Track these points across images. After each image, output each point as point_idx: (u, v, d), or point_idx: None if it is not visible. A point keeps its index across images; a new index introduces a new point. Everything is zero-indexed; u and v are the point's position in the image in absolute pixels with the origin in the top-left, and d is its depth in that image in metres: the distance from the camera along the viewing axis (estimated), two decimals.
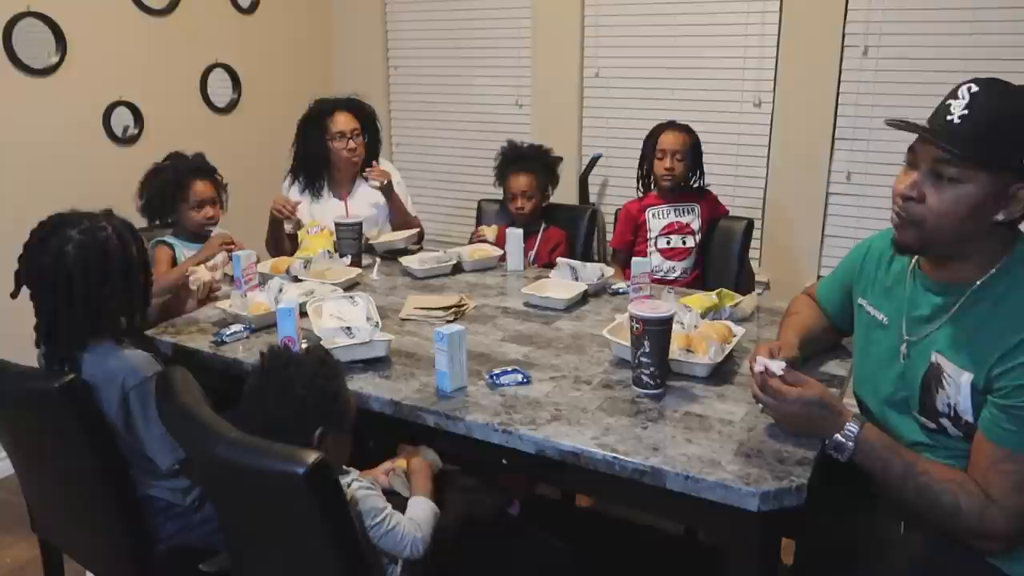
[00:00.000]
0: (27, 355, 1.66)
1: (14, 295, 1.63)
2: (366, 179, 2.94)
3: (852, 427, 1.33)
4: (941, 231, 1.29)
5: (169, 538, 1.69)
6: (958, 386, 1.31)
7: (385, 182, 2.88)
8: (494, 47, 3.79)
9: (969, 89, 1.26)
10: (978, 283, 1.32)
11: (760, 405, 1.45)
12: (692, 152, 2.78)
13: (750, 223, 2.81)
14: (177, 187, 2.46)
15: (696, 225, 2.78)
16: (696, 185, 2.85)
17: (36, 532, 1.88)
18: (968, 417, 1.31)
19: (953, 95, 1.27)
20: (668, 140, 2.76)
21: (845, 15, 2.98)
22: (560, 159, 3.06)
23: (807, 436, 1.41)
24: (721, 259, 2.80)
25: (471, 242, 2.93)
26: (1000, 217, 1.27)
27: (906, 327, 1.42)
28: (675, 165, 2.74)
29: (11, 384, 1.59)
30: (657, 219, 2.79)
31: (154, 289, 2.28)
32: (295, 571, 1.38)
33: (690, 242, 2.78)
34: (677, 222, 2.78)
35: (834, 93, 3.05)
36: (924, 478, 1.29)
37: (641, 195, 2.89)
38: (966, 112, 1.24)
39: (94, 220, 1.63)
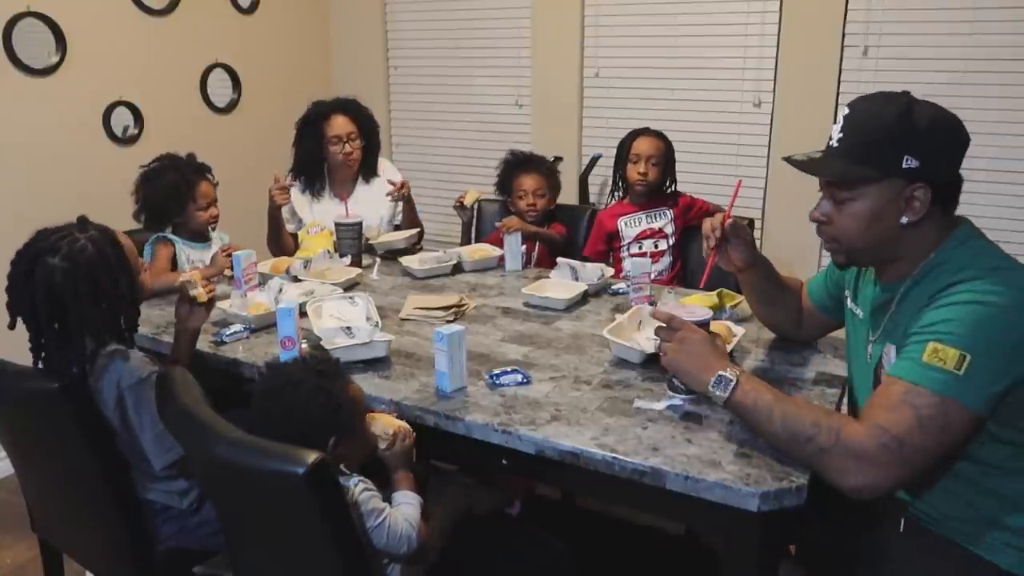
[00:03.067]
0: (26, 355, 1.65)
1: (11, 327, 1.62)
2: (367, 181, 2.95)
3: (735, 369, 1.38)
4: (854, 244, 1.39)
5: (167, 540, 1.69)
6: (891, 363, 1.36)
7: (404, 193, 2.90)
8: (494, 47, 3.79)
9: (843, 112, 1.36)
10: (911, 277, 1.37)
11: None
12: (665, 159, 2.77)
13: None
14: (187, 187, 2.46)
15: (669, 229, 2.80)
16: (669, 191, 2.84)
17: (36, 532, 1.88)
18: None
19: (836, 120, 1.37)
20: (642, 146, 2.76)
21: (845, 15, 2.98)
22: (559, 159, 3.07)
23: (690, 371, 1.44)
24: None
25: (455, 205, 2.97)
26: (904, 220, 1.33)
27: (870, 325, 1.48)
28: (648, 170, 2.74)
29: (11, 384, 1.59)
30: (630, 227, 2.80)
31: (149, 284, 2.28)
32: (295, 571, 1.38)
33: (663, 245, 2.79)
34: (650, 228, 2.79)
35: (834, 93, 3.05)
36: (791, 406, 1.32)
37: (613, 200, 2.91)
38: (841, 135, 1.35)
39: (71, 240, 1.59)
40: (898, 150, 1.29)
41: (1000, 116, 2.80)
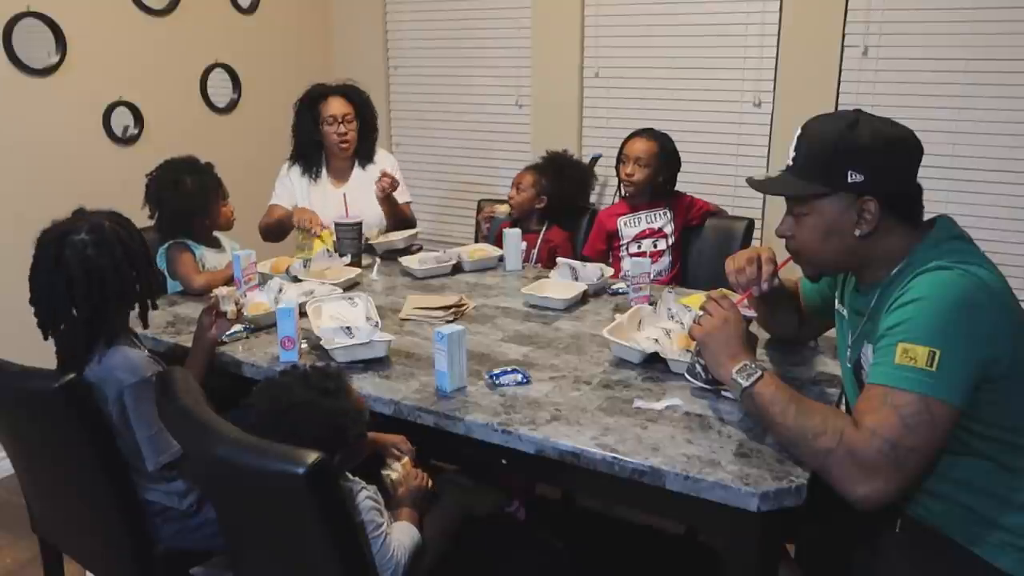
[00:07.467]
0: (27, 355, 1.66)
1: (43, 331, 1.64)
2: (363, 168, 2.97)
3: (759, 365, 1.40)
4: (814, 258, 1.45)
5: (167, 540, 1.69)
6: (868, 363, 1.37)
7: (389, 190, 2.81)
8: (494, 47, 3.79)
9: (797, 133, 1.42)
10: (884, 282, 1.39)
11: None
12: (658, 160, 2.72)
13: (750, 223, 2.80)
14: (217, 185, 2.47)
15: (669, 229, 2.78)
16: (668, 191, 2.81)
17: (36, 532, 1.88)
18: None
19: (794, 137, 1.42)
20: (632, 146, 2.74)
21: (845, 15, 2.98)
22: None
23: (719, 351, 1.46)
24: (720, 259, 2.79)
25: (483, 215, 2.97)
26: (858, 232, 1.37)
27: (850, 327, 1.50)
28: (635, 171, 2.71)
29: (11, 384, 1.60)
30: (629, 227, 2.80)
31: (199, 285, 2.30)
32: (295, 571, 1.38)
33: (662, 245, 2.78)
34: (649, 228, 2.78)
35: (834, 93, 3.04)
36: (804, 404, 1.33)
37: (616, 199, 2.91)
38: (794, 153, 1.42)
39: (88, 218, 1.63)
40: (841, 165, 1.34)
41: (1000, 116, 2.79)
